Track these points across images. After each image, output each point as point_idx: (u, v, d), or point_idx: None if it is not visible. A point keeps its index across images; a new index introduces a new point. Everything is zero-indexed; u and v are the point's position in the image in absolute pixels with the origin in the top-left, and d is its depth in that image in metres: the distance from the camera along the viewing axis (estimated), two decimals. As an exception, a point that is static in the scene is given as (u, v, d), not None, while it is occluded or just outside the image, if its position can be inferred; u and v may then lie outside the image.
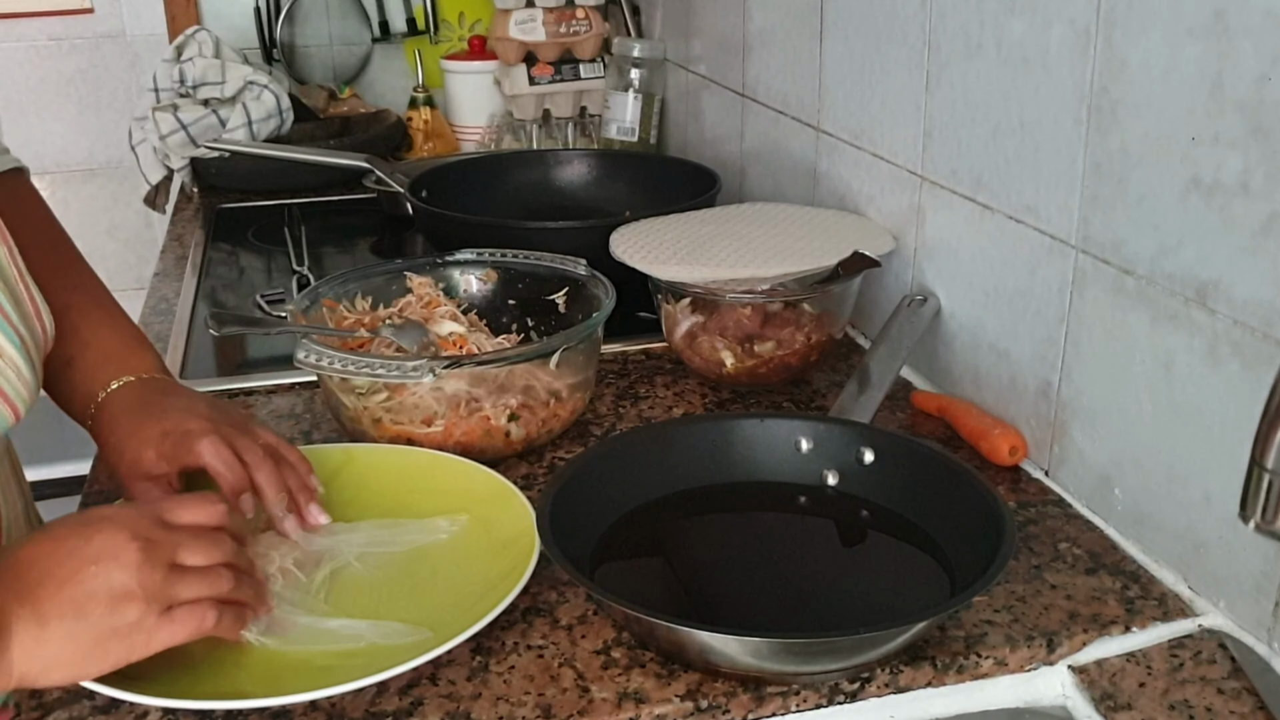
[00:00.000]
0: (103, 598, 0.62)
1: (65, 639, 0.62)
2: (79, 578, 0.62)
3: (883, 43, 1.11)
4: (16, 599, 0.61)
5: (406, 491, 0.86)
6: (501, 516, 0.82)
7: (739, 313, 1.05)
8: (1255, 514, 0.55)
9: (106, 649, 0.63)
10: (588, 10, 1.89)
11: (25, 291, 0.79)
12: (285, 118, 1.85)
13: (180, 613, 0.65)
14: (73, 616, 0.62)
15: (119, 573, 0.63)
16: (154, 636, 0.64)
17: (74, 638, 0.62)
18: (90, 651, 0.62)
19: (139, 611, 0.63)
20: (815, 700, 0.70)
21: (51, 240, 0.92)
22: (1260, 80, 0.67)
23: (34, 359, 0.77)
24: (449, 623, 0.71)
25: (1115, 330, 0.83)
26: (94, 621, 0.62)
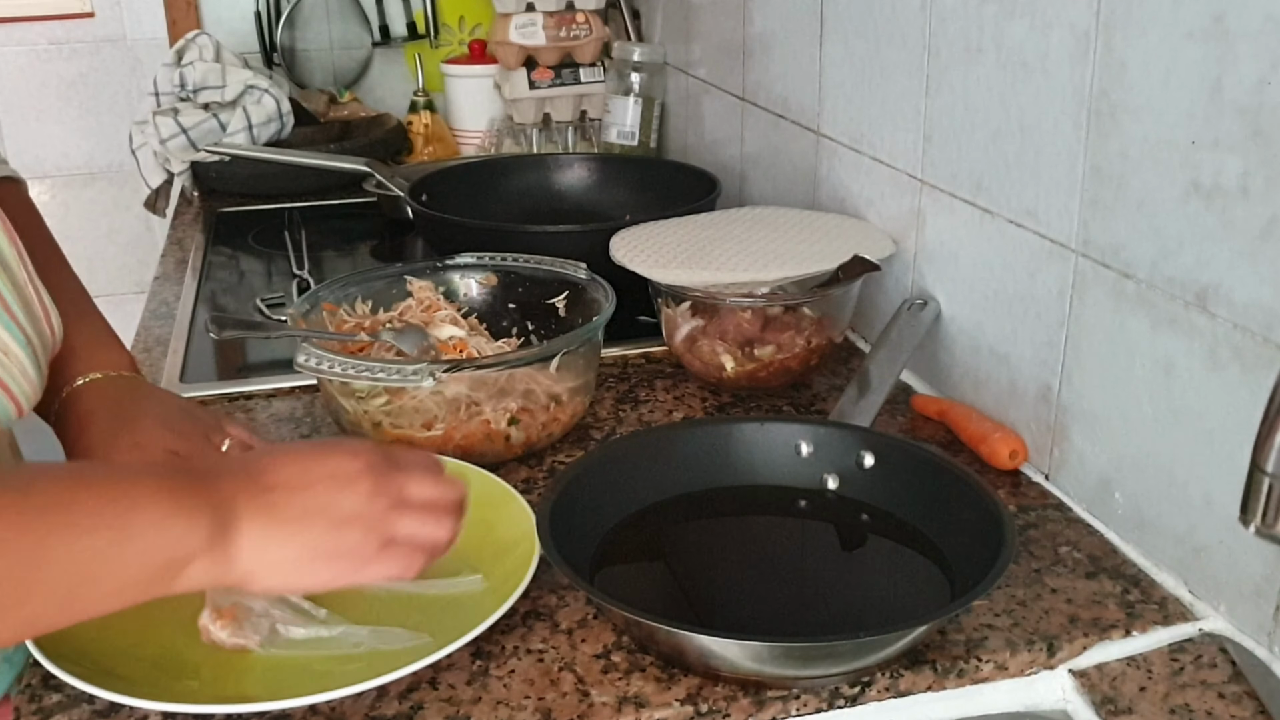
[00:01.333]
0: (330, 516, 0.63)
1: (288, 544, 0.62)
2: (311, 491, 0.63)
3: (883, 47, 1.11)
4: (248, 495, 0.61)
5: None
6: (501, 520, 0.82)
7: (739, 316, 1.05)
8: (1256, 518, 0.55)
9: (323, 565, 0.63)
10: (588, 14, 1.89)
11: (35, 294, 0.79)
12: (285, 122, 1.86)
13: (394, 551, 0.65)
14: (299, 525, 0.62)
15: (349, 497, 0.63)
16: (367, 566, 0.64)
17: (297, 546, 0.62)
18: (308, 564, 0.63)
19: (359, 538, 0.63)
20: (815, 704, 0.70)
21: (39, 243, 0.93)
22: (1260, 84, 0.67)
23: (40, 359, 0.78)
24: (450, 627, 0.71)
25: (1115, 334, 0.83)
26: (317, 536, 0.63)
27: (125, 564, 0.57)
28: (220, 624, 0.72)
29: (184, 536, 0.58)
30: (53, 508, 0.56)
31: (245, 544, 0.60)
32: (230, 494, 0.61)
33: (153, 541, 0.58)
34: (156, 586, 0.59)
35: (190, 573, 0.59)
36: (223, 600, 0.73)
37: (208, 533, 0.59)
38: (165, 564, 0.58)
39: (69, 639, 0.71)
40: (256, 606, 0.73)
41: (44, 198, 2.21)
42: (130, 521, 0.57)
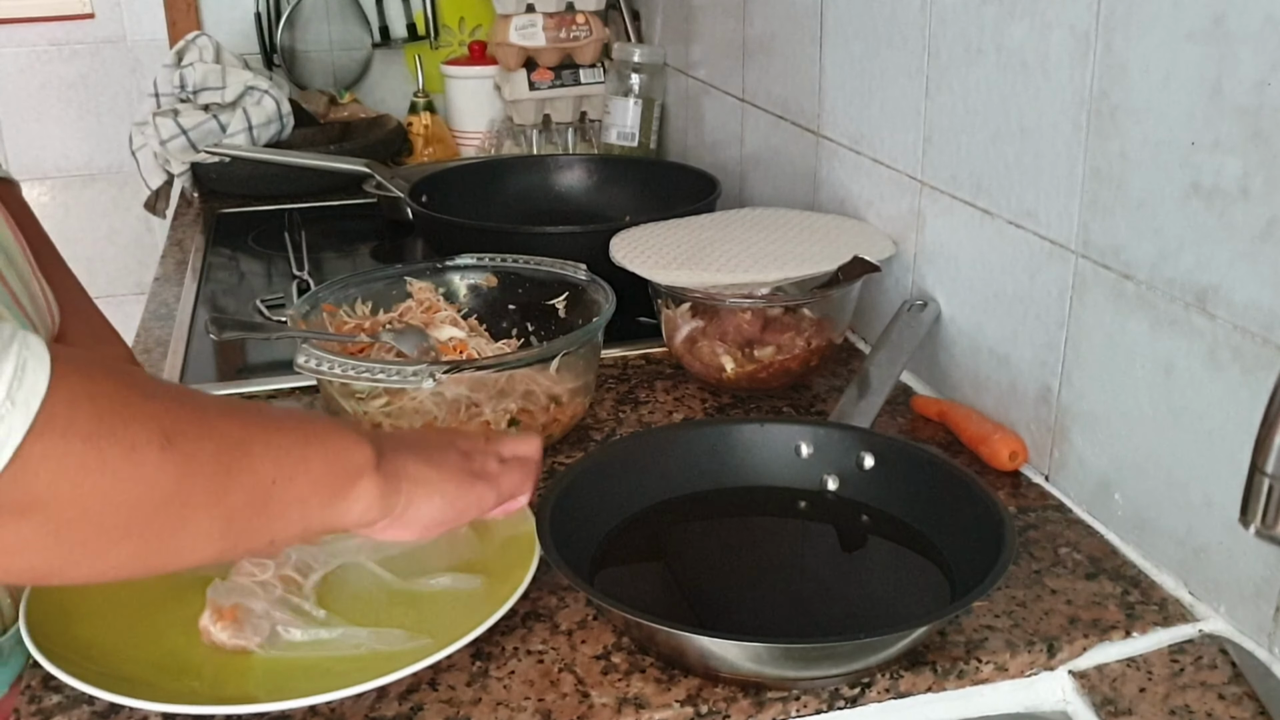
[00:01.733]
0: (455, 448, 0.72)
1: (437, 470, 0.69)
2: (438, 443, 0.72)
3: (883, 48, 1.11)
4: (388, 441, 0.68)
5: None
6: (503, 521, 0.82)
7: (739, 317, 1.05)
8: (1256, 519, 0.55)
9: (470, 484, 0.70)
10: (588, 15, 1.89)
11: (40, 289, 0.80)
12: (285, 123, 1.86)
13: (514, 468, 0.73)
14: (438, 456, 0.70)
15: (462, 438, 0.74)
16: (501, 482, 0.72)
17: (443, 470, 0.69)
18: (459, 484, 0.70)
19: (483, 459, 0.72)
20: (815, 705, 0.70)
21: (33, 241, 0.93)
22: (1260, 85, 0.67)
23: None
24: (450, 628, 0.71)
25: (1115, 335, 0.83)
26: (455, 463, 0.71)
27: (314, 463, 0.61)
28: (221, 625, 0.72)
29: (358, 447, 0.63)
30: (253, 411, 0.61)
31: (405, 469, 0.66)
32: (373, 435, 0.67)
33: (335, 445, 0.62)
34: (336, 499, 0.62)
35: (363, 487, 0.63)
36: (224, 601, 0.73)
37: (374, 451, 0.64)
38: (345, 470, 0.62)
39: (69, 640, 0.71)
40: (257, 608, 0.74)
41: (44, 199, 2.21)
42: (314, 428, 0.63)
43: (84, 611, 0.75)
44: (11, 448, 0.46)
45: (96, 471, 0.50)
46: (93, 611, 0.75)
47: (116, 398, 0.51)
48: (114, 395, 0.51)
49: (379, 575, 0.79)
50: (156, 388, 0.55)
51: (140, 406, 0.52)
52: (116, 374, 0.53)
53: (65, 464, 0.48)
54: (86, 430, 0.49)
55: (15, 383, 0.47)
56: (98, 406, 0.50)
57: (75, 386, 0.49)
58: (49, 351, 0.49)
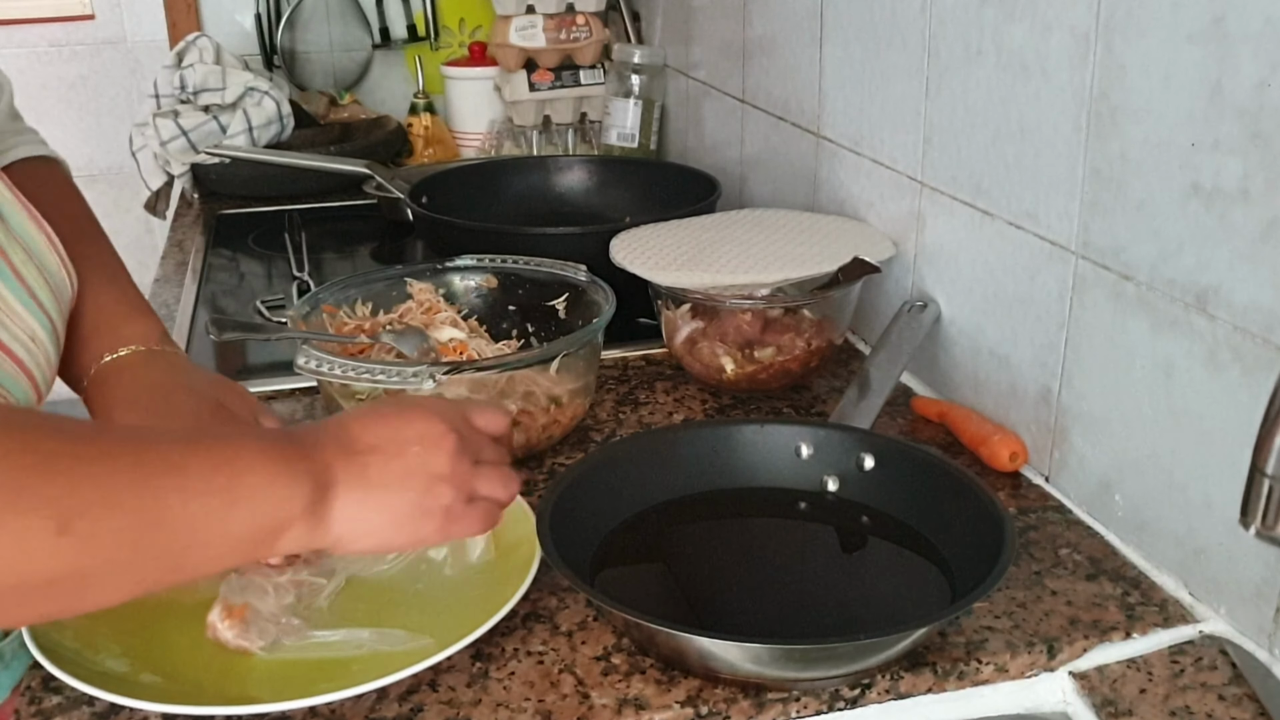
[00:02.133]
0: (422, 476, 0.65)
1: (384, 508, 0.64)
2: (403, 455, 0.65)
3: (883, 49, 1.11)
4: (344, 461, 0.63)
5: None
6: (504, 522, 0.82)
7: (739, 318, 1.05)
8: (1256, 519, 0.55)
9: (416, 524, 0.65)
10: (588, 16, 1.89)
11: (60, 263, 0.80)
12: (286, 124, 1.86)
13: (477, 508, 0.67)
14: (395, 488, 0.64)
15: (437, 457, 0.66)
16: (456, 523, 0.66)
17: (391, 508, 0.64)
18: (403, 524, 0.65)
19: (450, 496, 0.66)
20: (816, 706, 0.70)
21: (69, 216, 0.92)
22: (1260, 86, 0.67)
23: (59, 336, 0.79)
24: (451, 629, 0.71)
25: (1115, 336, 0.83)
26: (411, 497, 0.65)
27: (232, 527, 0.58)
28: (228, 623, 0.72)
29: (286, 502, 0.60)
30: (169, 470, 0.56)
31: (340, 510, 0.62)
32: (328, 461, 0.62)
33: (259, 506, 0.59)
34: (258, 549, 0.60)
35: (289, 536, 0.60)
36: (235, 599, 0.73)
37: (308, 499, 0.60)
38: (268, 527, 0.59)
39: (69, 640, 0.71)
40: (265, 610, 0.73)
41: (44, 200, 2.21)
42: (239, 485, 0.58)
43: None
44: None
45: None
46: (95, 611, 0.75)
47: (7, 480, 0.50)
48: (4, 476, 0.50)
49: (383, 577, 0.79)
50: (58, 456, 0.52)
51: (35, 490, 0.50)
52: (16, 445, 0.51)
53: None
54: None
55: None
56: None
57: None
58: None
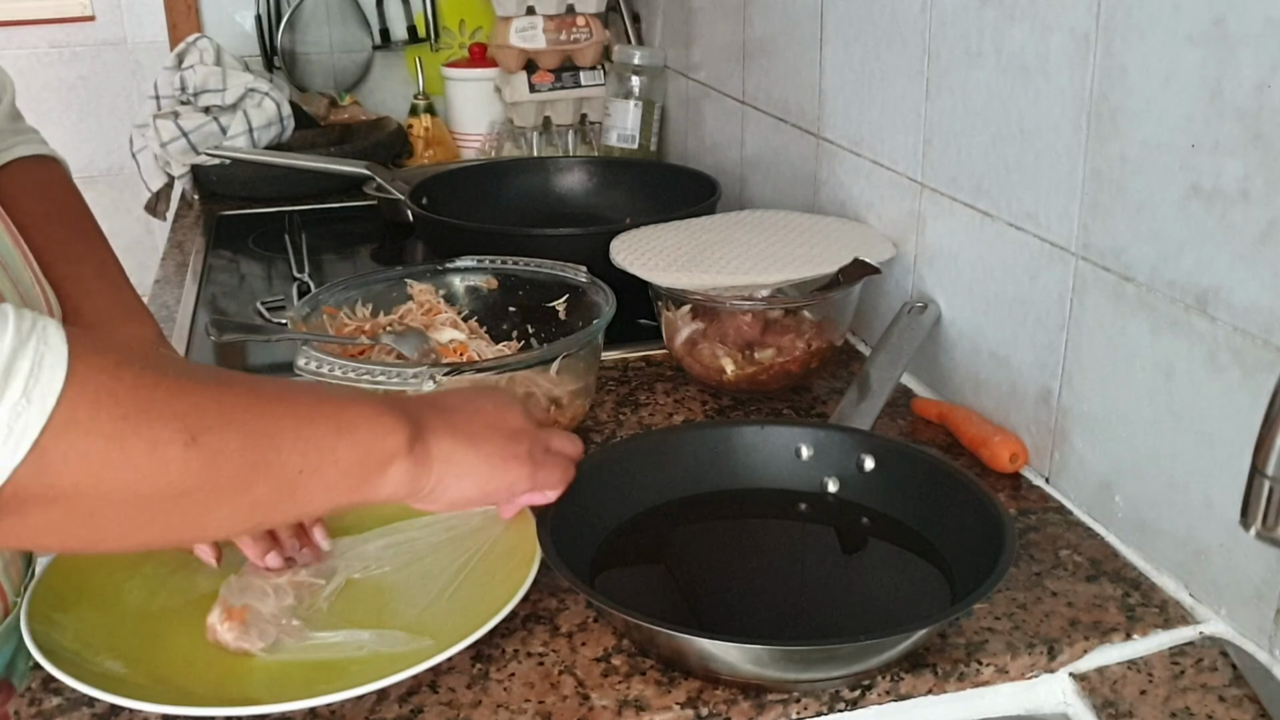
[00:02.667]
0: (502, 428, 0.71)
1: (474, 451, 0.69)
2: (484, 412, 0.71)
3: (883, 50, 1.11)
4: (432, 415, 0.68)
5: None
6: (504, 523, 0.82)
7: (739, 320, 1.05)
8: (1256, 521, 0.55)
9: (508, 466, 0.71)
10: (588, 18, 1.89)
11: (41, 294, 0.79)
12: (286, 125, 1.86)
13: (555, 459, 0.75)
14: (480, 437, 0.70)
15: (511, 416, 0.73)
16: (541, 469, 0.73)
17: (481, 452, 0.69)
18: (494, 466, 0.70)
19: (529, 444, 0.72)
20: (816, 708, 0.70)
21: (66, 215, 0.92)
22: (1260, 87, 0.67)
23: None
24: (451, 630, 0.71)
25: (1115, 337, 0.83)
26: (496, 444, 0.70)
27: (341, 455, 0.60)
28: (228, 625, 0.72)
29: (390, 435, 0.63)
30: (281, 398, 0.59)
31: (439, 449, 0.66)
32: (415, 413, 0.66)
33: (364, 436, 0.62)
34: (366, 482, 0.63)
35: (392, 473, 0.63)
36: (234, 601, 0.73)
37: (408, 435, 0.64)
38: (375, 459, 0.63)
39: (69, 642, 0.71)
40: (265, 612, 0.73)
41: (44, 201, 2.21)
42: (346, 416, 0.62)
43: (85, 612, 0.75)
44: (28, 444, 0.47)
45: (120, 468, 0.51)
46: (95, 611, 0.75)
47: (140, 394, 0.52)
48: (137, 392, 0.51)
49: (384, 578, 0.79)
50: (181, 378, 0.55)
51: (165, 404, 0.52)
52: (140, 366, 0.53)
53: (89, 461, 0.50)
54: (109, 430, 0.50)
55: (31, 380, 0.48)
56: (120, 404, 0.50)
57: (98, 384, 0.50)
58: (68, 346, 0.49)
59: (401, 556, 0.81)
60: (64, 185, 0.96)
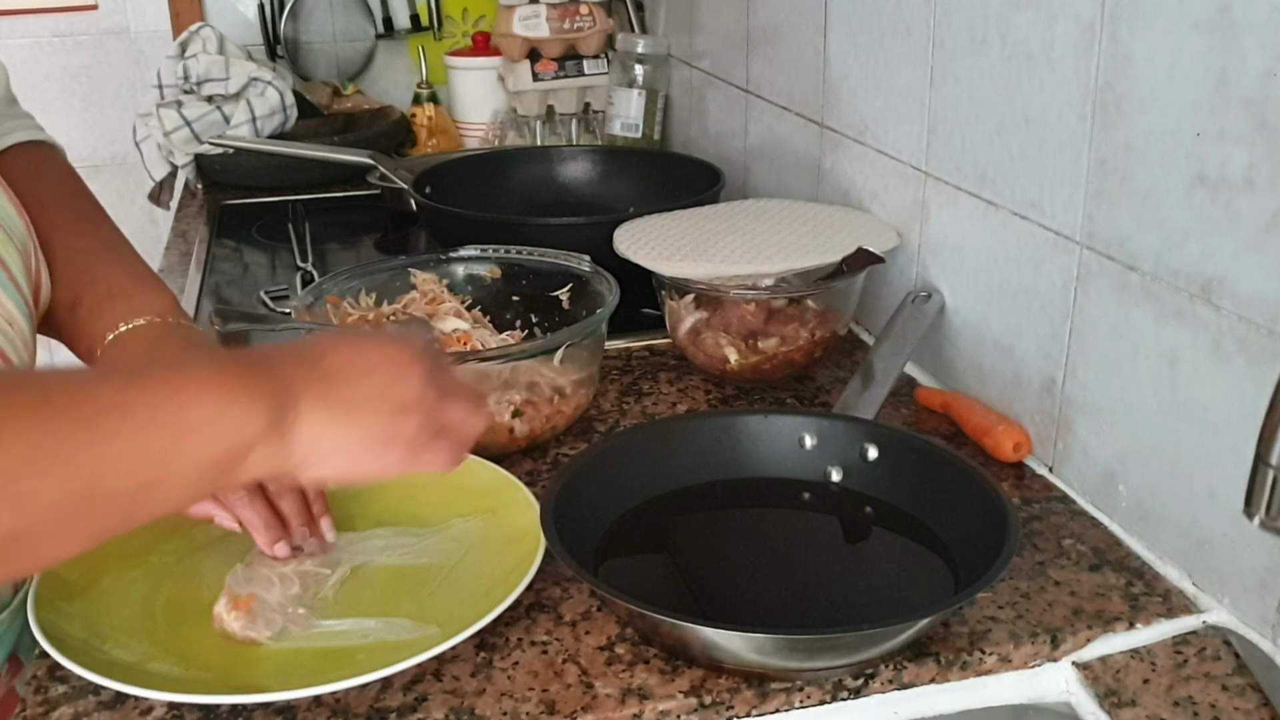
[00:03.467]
0: (390, 401, 0.62)
1: (350, 428, 0.61)
2: (370, 378, 0.62)
3: (887, 38, 1.11)
4: (305, 381, 0.60)
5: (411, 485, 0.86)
6: (508, 512, 0.82)
7: (743, 309, 1.05)
8: (1260, 510, 0.55)
9: (380, 452, 0.63)
10: (591, 6, 1.88)
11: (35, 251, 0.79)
12: (289, 114, 1.85)
13: (444, 440, 0.65)
14: (361, 410, 0.61)
15: (406, 384, 0.63)
16: (421, 455, 0.64)
17: (358, 430, 0.61)
18: (369, 449, 0.62)
19: (416, 425, 0.63)
20: (819, 696, 0.70)
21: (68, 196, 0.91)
22: (1266, 75, 0.67)
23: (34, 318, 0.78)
24: (455, 619, 0.71)
25: (1120, 326, 0.83)
26: (378, 422, 0.62)
27: (185, 461, 0.55)
28: (235, 614, 0.72)
29: (243, 425, 0.56)
30: (111, 411, 0.53)
31: (305, 430, 0.59)
32: (288, 380, 0.59)
33: (211, 434, 0.56)
34: (221, 477, 0.57)
35: (251, 461, 0.57)
36: (241, 590, 0.73)
37: (267, 419, 0.57)
38: (226, 455, 0.56)
39: (76, 630, 0.71)
40: (272, 600, 0.74)
41: (48, 190, 2.21)
42: (187, 416, 0.55)
43: (92, 599, 0.75)
44: None
45: None
46: (101, 600, 0.75)
47: None
48: None
49: (389, 568, 0.80)
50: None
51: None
52: None
53: None
54: None
55: None
56: None
57: None
58: None
59: (406, 545, 0.82)
60: (64, 169, 0.96)
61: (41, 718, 0.67)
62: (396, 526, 0.83)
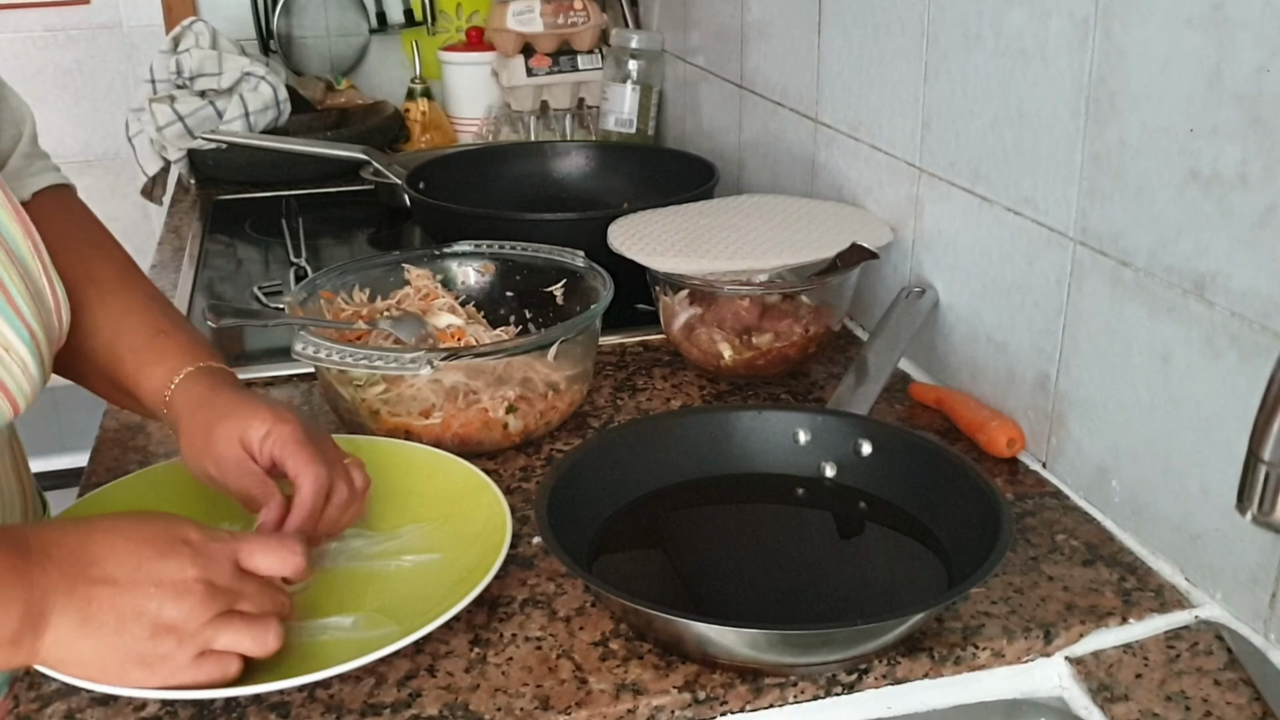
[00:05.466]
0: (147, 623, 0.63)
1: (98, 646, 0.62)
2: (135, 594, 0.62)
3: (881, 34, 1.11)
4: (68, 589, 0.61)
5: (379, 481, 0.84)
6: (474, 508, 0.81)
7: (737, 305, 1.05)
8: (1252, 505, 0.55)
9: (128, 670, 0.63)
10: (585, 1, 1.88)
11: (49, 285, 0.78)
12: (282, 109, 1.85)
13: (209, 661, 0.64)
14: (113, 629, 0.62)
15: (173, 607, 0.63)
16: (176, 675, 0.64)
17: (106, 648, 0.62)
18: (114, 667, 0.63)
19: (173, 647, 0.63)
20: (813, 692, 0.70)
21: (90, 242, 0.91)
22: (1259, 72, 0.67)
23: (44, 355, 0.77)
24: (420, 613, 0.71)
25: (1113, 322, 0.83)
26: (129, 641, 0.62)
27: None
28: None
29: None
30: None
31: (53, 639, 0.61)
32: (51, 584, 0.61)
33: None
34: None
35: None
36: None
37: (17, 624, 0.59)
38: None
39: None
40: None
41: (40, 185, 2.20)
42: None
43: None
44: None
45: None
46: None
47: None
48: None
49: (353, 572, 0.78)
50: None
51: None
52: None
53: None
54: None
55: None
56: None
57: None
58: None
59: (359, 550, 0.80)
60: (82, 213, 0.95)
61: (35, 714, 0.67)
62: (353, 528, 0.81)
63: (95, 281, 0.86)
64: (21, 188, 0.91)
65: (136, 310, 0.85)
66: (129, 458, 0.96)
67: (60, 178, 0.96)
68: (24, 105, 0.95)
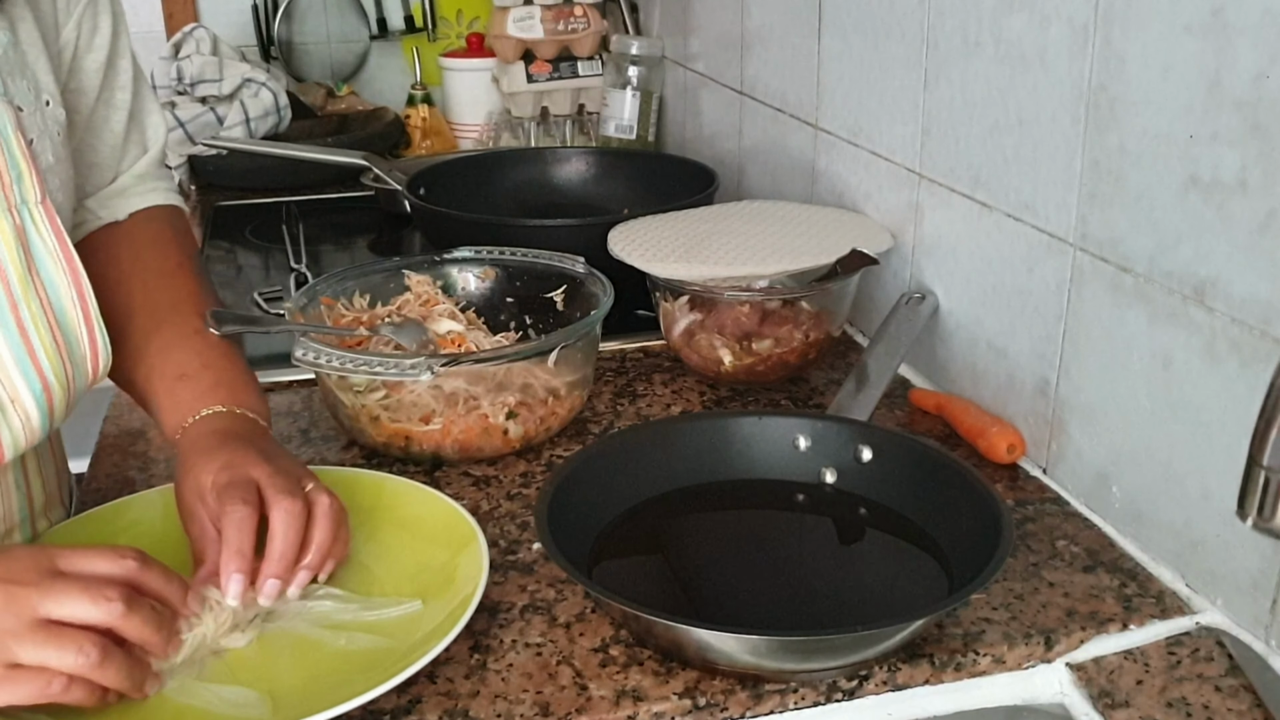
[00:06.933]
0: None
1: None
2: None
3: (881, 40, 1.11)
4: None
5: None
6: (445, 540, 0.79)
7: (737, 310, 1.05)
8: (1253, 511, 0.55)
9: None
10: (586, 8, 1.88)
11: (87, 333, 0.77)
12: (283, 115, 1.85)
13: (23, 674, 0.60)
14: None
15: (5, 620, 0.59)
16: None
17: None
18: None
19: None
20: (813, 698, 0.70)
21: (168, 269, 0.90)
22: (1258, 78, 0.67)
23: (55, 408, 0.75)
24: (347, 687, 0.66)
25: (1113, 328, 0.83)
26: None
27: None
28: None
29: None
30: None
31: None
32: None
33: None
34: None
35: None
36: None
37: None
38: None
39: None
40: (189, 632, 0.69)
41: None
42: None
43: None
44: None
45: None
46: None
47: None
48: None
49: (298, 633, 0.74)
50: None
51: None
52: None
53: None
54: None
55: None
56: None
57: None
58: None
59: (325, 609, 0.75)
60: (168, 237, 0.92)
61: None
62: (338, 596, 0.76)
63: (149, 311, 0.86)
64: (121, 206, 0.91)
65: (174, 347, 0.84)
66: (129, 464, 0.96)
67: (166, 198, 0.95)
68: (162, 127, 0.95)
